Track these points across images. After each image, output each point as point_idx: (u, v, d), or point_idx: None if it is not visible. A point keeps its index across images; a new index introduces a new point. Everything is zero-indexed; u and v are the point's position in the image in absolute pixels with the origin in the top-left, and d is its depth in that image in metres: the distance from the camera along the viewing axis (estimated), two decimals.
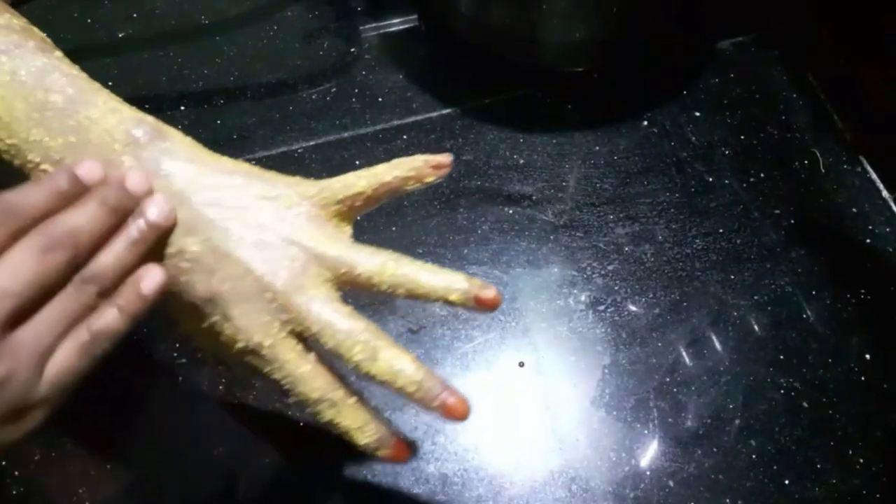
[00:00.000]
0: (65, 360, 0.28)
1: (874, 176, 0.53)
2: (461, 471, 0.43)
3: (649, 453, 0.43)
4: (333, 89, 0.57)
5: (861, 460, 0.43)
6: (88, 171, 0.31)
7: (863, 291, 0.48)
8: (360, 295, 0.38)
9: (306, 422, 0.43)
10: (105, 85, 0.35)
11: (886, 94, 0.55)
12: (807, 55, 0.58)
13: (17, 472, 0.42)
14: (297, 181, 0.36)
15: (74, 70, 0.35)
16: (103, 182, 0.31)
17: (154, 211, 0.31)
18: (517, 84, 0.56)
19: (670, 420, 0.44)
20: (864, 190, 0.52)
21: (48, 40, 0.36)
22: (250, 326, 0.32)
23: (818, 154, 0.53)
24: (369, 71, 0.58)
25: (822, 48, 0.58)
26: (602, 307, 0.47)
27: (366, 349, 0.32)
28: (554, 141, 0.54)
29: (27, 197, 0.28)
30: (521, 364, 0.46)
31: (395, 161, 0.36)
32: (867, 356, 0.46)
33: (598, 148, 0.54)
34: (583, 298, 0.48)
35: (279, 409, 0.44)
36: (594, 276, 0.49)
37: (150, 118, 0.35)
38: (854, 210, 0.51)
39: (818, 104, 0.56)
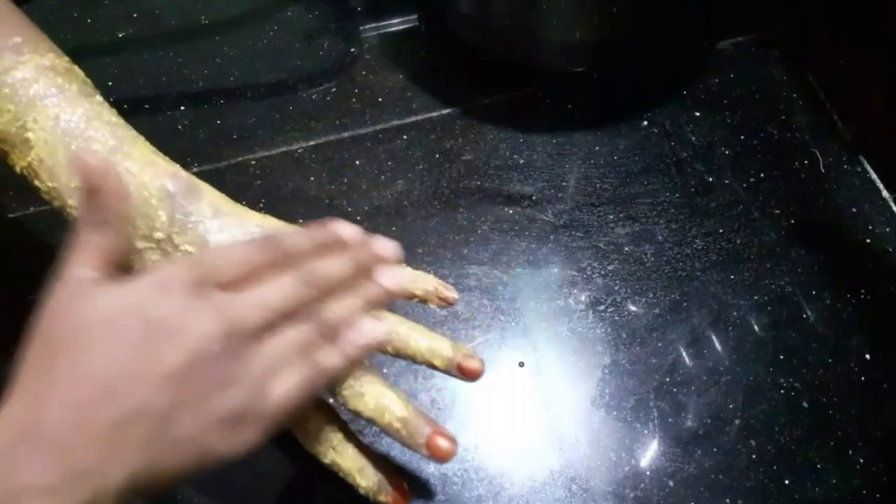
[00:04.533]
0: (287, 384, 0.29)
1: (874, 176, 0.53)
2: (461, 471, 0.43)
3: (649, 453, 0.43)
4: (333, 89, 0.57)
5: (861, 460, 0.43)
6: (349, 232, 0.34)
7: (863, 291, 0.48)
8: None
9: None
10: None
11: (886, 94, 0.55)
12: (807, 55, 0.58)
13: None
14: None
15: (114, 117, 0.37)
16: (358, 243, 0.34)
17: (391, 279, 0.35)
18: (517, 84, 0.56)
19: (670, 420, 0.44)
20: (864, 190, 0.52)
21: (89, 81, 0.38)
22: None
23: (818, 154, 0.53)
24: (369, 71, 0.58)
25: (822, 48, 0.58)
26: (602, 307, 0.47)
27: (354, 385, 0.34)
28: (554, 141, 0.54)
29: (296, 240, 0.32)
30: (521, 364, 0.46)
31: (410, 272, 0.38)
32: (867, 356, 0.46)
33: (598, 148, 0.54)
34: (583, 298, 0.48)
35: None
36: (594, 276, 0.49)
37: (183, 172, 0.37)
38: (854, 210, 0.51)
39: (818, 104, 0.56)
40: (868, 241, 0.50)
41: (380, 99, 0.56)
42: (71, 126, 0.35)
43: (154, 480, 0.26)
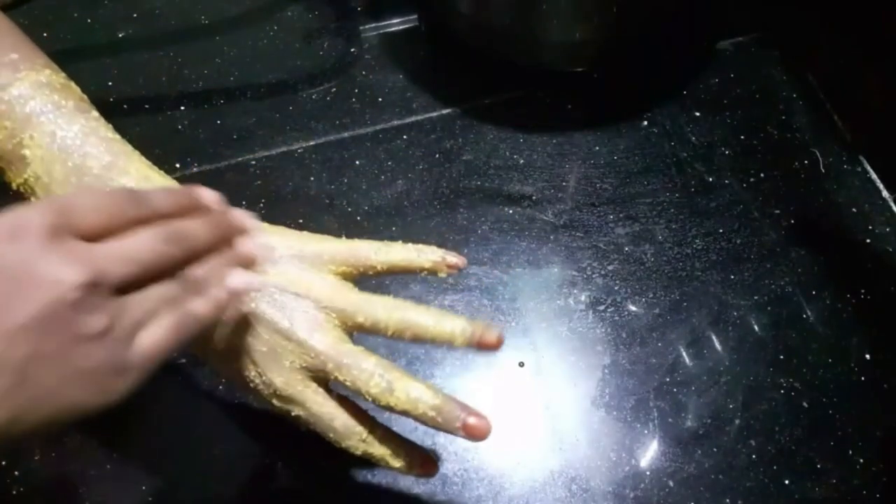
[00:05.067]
0: (157, 332, 0.29)
1: (874, 176, 0.53)
2: (461, 471, 0.43)
3: (649, 453, 0.43)
4: (333, 89, 0.57)
5: (861, 460, 0.43)
6: (210, 197, 0.34)
7: (863, 291, 0.48)
8: None
9: None
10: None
11: (886, 94, 0.55)
12: (807, 55, 0.58)
13: (17, 472, 0.42)
14: (305, 237, 0.38)
15: (110, 133, 0.37)
16: (219, 210, 0.34)
17: (249, 245, 0.34)
18: (517, 84, 0.56)
19: (670, 420, 0.44)
20: (864, 190, 0.52)
21: (85, 98, 0.38)
22: (273, 373, 0.35)
23: (818, 154, 0.53)
24: (369, 71, 0.58)
25: (822, 48, 0.58)
26: (602, 307, 0.47)
27: (381, 383, 0.34)
28: (554, 141, 0.54)
29: (157, 197, 0.31)
30: (521, 364, 0.46)
31: (413, 247, 0.38)
32: (867, 356, 0.46)
33: (598, 148, 0.54)
34: (583, 298, 0.48)
35: None
36: (594, 276, 0.49)
37: (177, 186, 0.37)
38: (854, 210, 0.51)
39: (818, 104, 0.56)
40: (868, 241, 0.50)
41: (380, 99, 0.56)
42: (67, 142, 0.35)
43: (16, 435, 0.26)
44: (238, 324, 0.35)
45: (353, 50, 0.59)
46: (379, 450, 0.36)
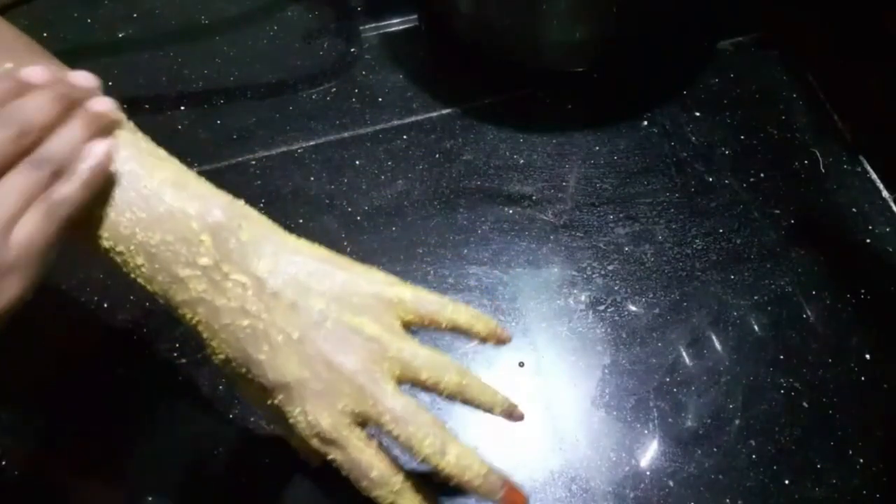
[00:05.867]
0: (30, 225, 0.28)
1: (874, 176, 0.53)
2: None
3: (649, 453, 0.43)
4: (333, 89, 0.57)
5: (861, 460, 0.43)
6: (38, 74, 0.31)
7: (863, 291, 0.48)
8: None
9: None
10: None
11: (886, 94, 0.55)
12: (807, 55, 0.58)
13: (16, 472, 0.42)
14: (374, 278, 0.36)
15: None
16: (53, 80, 0.31)
17: (101, 103, 0.32)
18: (517, 84, 0.56)
19: (670, 420, 0.44)
20: (864, 190, 0.52)
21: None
22: (321, 414, 0.33)
23: (818, 154, 0.53)
24: (369, 71, 0.58)
25: (822, 48, 0.58)
26: (602, 307, 0.47)
27: (435, 443, 0.34)
28: (554, 141, 0.54)
29: None
30: (521, 364, 0.46)
31: (477, 314, 0.38)
32: (867, 356, 0.46)
33: (598, 148, 0.54)
34: (583, 298, 0.48)
35: None
36: (594, 276, 0.49)
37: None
38: (854, 210, 0.51)
39: (818, 104, 0.56)
40: (868, 241, 0.50)
41: (380, 99, 0.56)
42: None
43: None
44: (286, 350, 0.33)
45: (353, 50, 0.59)
46: (407, 501, 0.35)
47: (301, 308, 0.34)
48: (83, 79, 0.32)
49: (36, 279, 0.29)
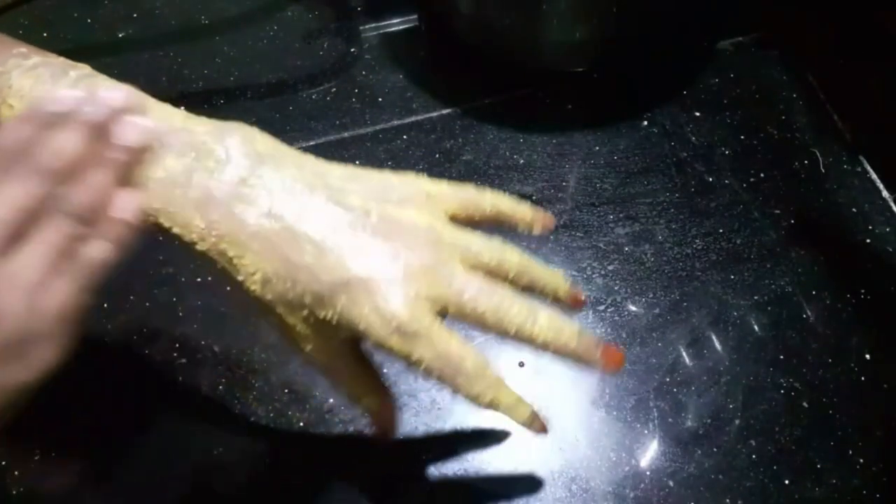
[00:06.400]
0: (61, 291, 0.27)
1: (874, 176, 0.53)
2: (461, 471, 0.43)
3: (649, 453, 0.43)
4: (333, 89, 0.57)
5: (861, 460, 0.43)
6: (66, 99, 0.30)
7: (863, 291, 0.48)
8: None
9: (306, 422, 0.43)
10: None
11: (886, 94, 0.55)
12: (807, 55, 0.58)
13: (17, 472, 0.42)
14: (406, 178, 0.35)
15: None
16: (83, 103, 0.30)
17: (130, 131, 0.30)
18: (517, 84, 0.56)
19: (670, 420, 0.44)
20: (864, 190, 0.52)
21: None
22: (397, 304, 0.30)
23: (818, 154, 0.53)
24: (369, 71, 0.58)
25: (822, 48, 0.58)
26: (602, 307, 0.47)
27: (523, 310, 0.31)
28: (554, 141, 0.54)
29: (10, 132, 0.28)
30: (521, 364, 0.46)
31: (517, 200, 0.36)
32: (867, 356, 0.46)
33: (598, 148, 0.54)
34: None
35: (279, 408, 0.44)
36: (594, 276, 0.49)
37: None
38: (854, 210, 0.51)
39: (818, 104, 0.56)
40: (868, 241, 0.50)
41: (380, 99, 0.56)
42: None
43: None
44: (334, 248, 0.30)
45: (353, 50, 0.59)
46: (507, 396, 0.32)
47: (340, 204, 0.31)
48: (111, 99, 0.30)
49: (70, 345, 0.28)
